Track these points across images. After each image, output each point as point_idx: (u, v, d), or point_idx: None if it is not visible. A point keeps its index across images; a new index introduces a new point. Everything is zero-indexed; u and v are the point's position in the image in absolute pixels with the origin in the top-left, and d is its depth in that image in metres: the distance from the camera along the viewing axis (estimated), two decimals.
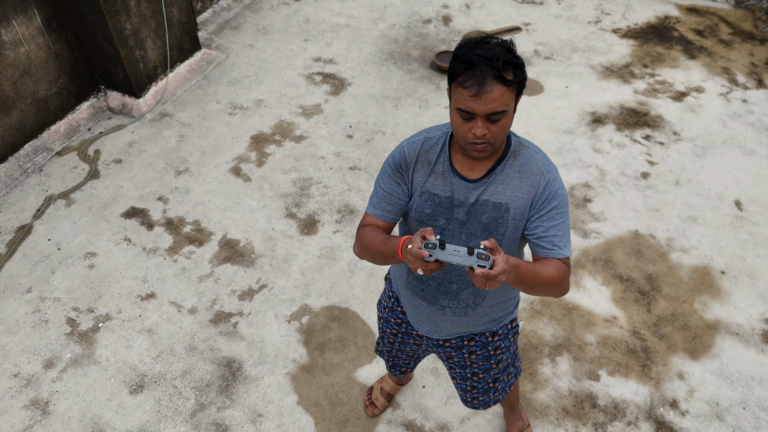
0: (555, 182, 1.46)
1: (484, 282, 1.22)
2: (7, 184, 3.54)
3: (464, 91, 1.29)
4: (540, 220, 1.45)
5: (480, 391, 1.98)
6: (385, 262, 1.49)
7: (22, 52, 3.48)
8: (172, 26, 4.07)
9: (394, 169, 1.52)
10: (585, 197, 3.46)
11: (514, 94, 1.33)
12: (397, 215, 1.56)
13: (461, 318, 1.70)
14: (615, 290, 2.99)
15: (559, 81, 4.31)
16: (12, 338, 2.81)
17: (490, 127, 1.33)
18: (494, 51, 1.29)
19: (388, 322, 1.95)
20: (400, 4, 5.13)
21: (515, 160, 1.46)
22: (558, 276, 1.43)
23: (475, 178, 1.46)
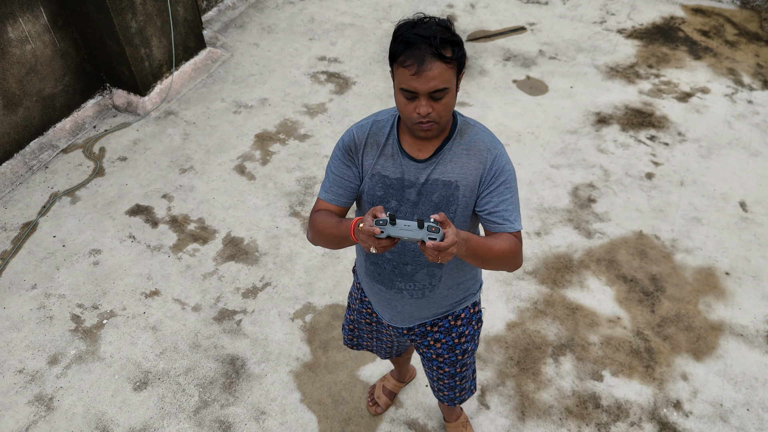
0: (502, 158, 1.50)
1: (436, 255, 1.23)
2: (13, 181, 3.56)
3: (405, 70, 1.31)
4: (490, 195, 1.48)
5: (445, 386, 2.00)
6: (338, 245, 1.50)
7: (28, 49, 3.49)
8: (177, 25, 4.08)
9: (344, 152, 1.53)
10: (589, 197, 3.45)
11: (455, 71, 1.35)
12: (349, 199, 1.57)
13: (419, 300, 1.70)
14: (619, 290, 2.99)
15: (563, 81, 4.30)
16: (17, 334, 2.82)
17: (434, 106, 1.34)
18: (432, 30, 1.31)
19: (361, 313, 1.95)
20: (405, 3, 5.13)
21: (462, 138, 1.49)
22: (510, 249, 1.46)
23: (423, 158, 1.48)
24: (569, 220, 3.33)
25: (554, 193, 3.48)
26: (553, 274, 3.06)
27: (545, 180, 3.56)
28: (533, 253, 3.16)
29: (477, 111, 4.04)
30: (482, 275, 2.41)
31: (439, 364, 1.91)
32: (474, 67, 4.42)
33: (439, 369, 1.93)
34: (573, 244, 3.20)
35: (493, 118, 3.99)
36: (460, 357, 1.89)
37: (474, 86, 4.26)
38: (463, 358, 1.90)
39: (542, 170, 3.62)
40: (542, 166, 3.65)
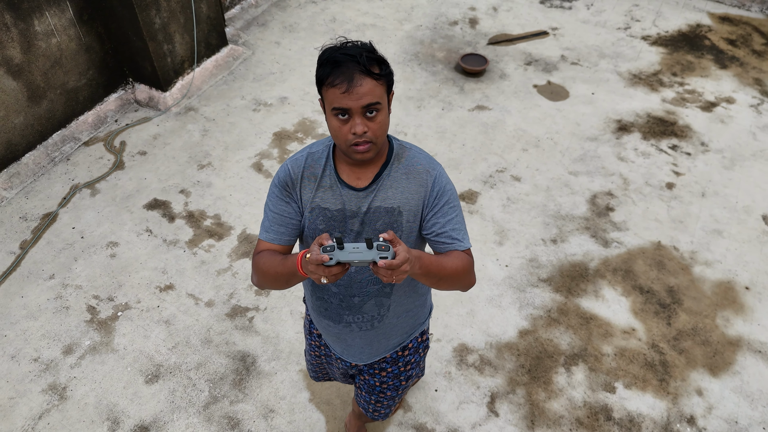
0: (442, 177, 1.48)
1: (390, 274, 1.20)
2: (35, 171, 3.62)
3: (335, 89, 1.29)
4: (435, 217, 1.46)
5: (383, 406, 1.98)
6: (287, 284, 1.44)
7: (53, 43, 3.55)
8: (200, 21, 4.12)
9: (281, 188, 1.48)
10: (607, 206, 3.41)
11: (385, 89, 1.34)
12: (291, 236, 1.51)
13: (369, 333, 1.66)
14: (635, 302, 2.94)
15: (585, 87, 4.25)
16: (34, 323, 2.87)
17: (368, 125, 1.32)
18: (356, 49, 1.31)
19: (311, 346, 1.92)
20: (427, 5, 5.12)
21: (400, 162, 1.46)
22: (463, 266, 1.44)
23: (363, 187, 1.44)
24: (586, 228, 3.29)
25: (572, 201, 3.44)
26: (568, 283, 3.02)
27: (563, 187, 3.52)
28: (548, 260, 3.12)
29: (496, 115, 4.02)
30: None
31: (382, 390, 1.89)
32: (494, 71, 4.39)
33: (380, 394, 1.91)
34: (589, 253, 3.16)
35: (512, 123, 3.96)
36: (404, 382, 1.88)
37: (494, 90, 4.23)
38: (406, 383, 1.89)
39: (560, 177, 3.58)
40: (560, 173, 3.61)
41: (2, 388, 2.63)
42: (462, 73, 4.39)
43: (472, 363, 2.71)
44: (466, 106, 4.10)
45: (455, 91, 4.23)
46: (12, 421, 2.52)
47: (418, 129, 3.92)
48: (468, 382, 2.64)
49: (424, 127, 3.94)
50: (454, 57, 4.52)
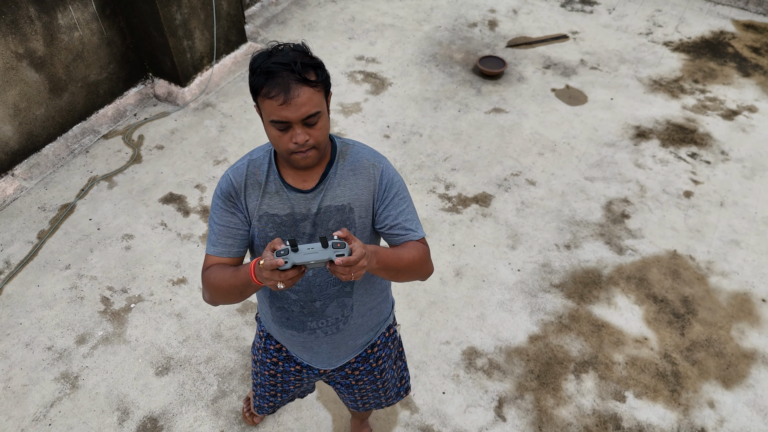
0: (389, 170, 1.47)
1: (348, 271, 1.18)
2: (55, 163, 3.68)
3: (272, 101, 1.24)
4: (387, 210, 1.45)
5: (370, 399, 1.96)
6: (241, 296, 1.37)
7: (76, 36, 3.60)
8: (220, 18, 4.15)
9: (224, 200, 1.43)
10: (623, 213, 3.37)
11: (323, 94, 1.30)
12: (241, 248, 1.46)
13: (335, 336, 1.62)
14: (648, 310, 2.91)
15: (604, 92, 4.21)
16: (48, 312, 2.91)
17: (309, 132, 1.29)
18: (290, 56, 1.25)
19: (264, 363, 1.85)
20: (447, 6, 5.10)
21: (344, 159, 1.44)
22: (420, 256, 1.43)
23: (310, 188, 1.41)
24: (601, 234, 3.26)
25: (587, 206, 3.41)
26: (580, 289, 3.00)
27: (578, 192, 3.49)
28: (561, 266, 3.10)
29: (513, 118, 3.99)
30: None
31: (359, 388, 1.87)
32: (512, 74, 4.37)
33: (360, 391, 1.90)
34: (603, 260, 3.13)
35: (528, 126, 3.93)
36: (379, 377, 1.85)
37: (511, 93, 4.20)
38: (383, 377, 1.87)
39: (576, 182, 3.55)
40: (576, 178, 3.58)
41: (16, 375, 2.67)
42: (480, 75, 4.37)
43: (481, 367, 2.69)
44: (482, 108, 4.09)
45: (472, 93, 4.22)
46: (25, 408, 2.57)
47: (434, 130, 3.91)
48: (476, 386, 2.63)
49: (439, 128, 3.93)
50: (473, 59, 4.51)
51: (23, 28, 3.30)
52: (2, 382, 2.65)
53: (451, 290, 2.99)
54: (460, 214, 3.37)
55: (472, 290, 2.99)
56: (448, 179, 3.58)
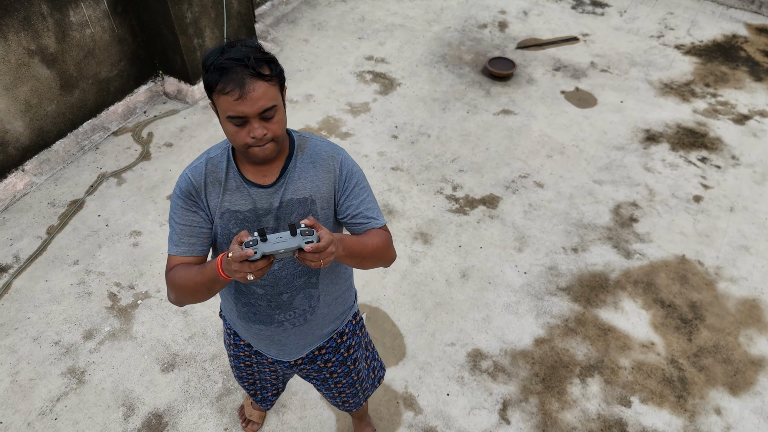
0: (347, 161, 1.49)
1: (317, 258, 1.19)
2: (65, 159, 3.70)
3: (227, 97, 1.25)
4: (348, 200, 1.47)
5: (349, 395, 1.97)
6: (208, 293, 1.37)
7: (87, 33, 3.62)
8: (230, 17, 4.16)
9: (185, 199, 1.43)
10: (631, 216, 3.35)
11: (278, 88, 1.31)
12: (204, 246, 1.46)
13: (303, 327, 1.64)
14: (655, 315, 2.89)
15: (614, 95, 4.19)
16: (56, 307, 2.93)
17: (267, 126, 1.30)
18: (243, 51, 1.26)
19: (238, 358, 1.87)
20: (457, 7, 5.10)
21: (303, 153, 1.45)
22: (383, 242, 1.46)
23: (271, 183, 1.42)
24: (608, 238, 3.24)
25: (595, 210, 3.39)
26: (587, 293, 2.98)
27: (586, 195, 3.47)
28: (568, 269, 3.08)
29: (521, 120, 3.98)
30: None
31: (335, 380, 1.88)
32: (522, 76, 4.35)
33: (336, 384, 1.90)
34: (610, 264, 3.11)
35: (537, 129, 3.92)
36: (353, 367, 1.87)
37: (521, 95, 4.19)
38: (356, 366, 1.89)
39: (584, 185, 3.53)
40: (584, 181, 3.56)
41: (23, 369, 2.69)
42: (489, 76, 4.36)
43: (486, 369, 2.69)
44: (491, 109, 4.07)
45: (481, 94, 4.21)
46: (31, 402, 2.59)
47: (442, 131, 3.91)
48: (480, 388, 2.62)
49: (448, 129, 3.92)
50: (482, 60, 4.49)
51: (35, 24, 3.32)
52: (9, 375, 2.67)
53: (457, 292, 2.98)
54: (467, 216, 3.36)
55: (478, 292, 2.98)
56: (455, 180, 3.57)
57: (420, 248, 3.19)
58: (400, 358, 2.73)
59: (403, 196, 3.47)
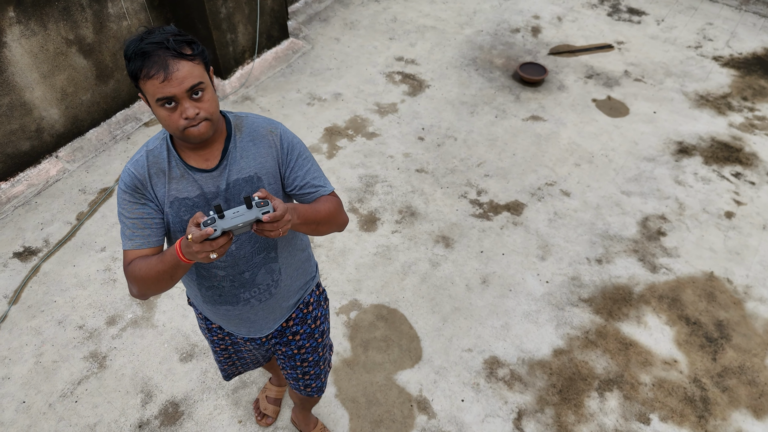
0: (286, 133, 1.50)
1: (276, 227, 1.21)
2: (97, 147, 3.78)
3: (153, 81, 1.25)
4: (294, 171, 1.49)
5: (312, 377, 1.98)
6: (171, 280, 1.36)
7: (124, 25, 3.69)
8: (264, 13, 4.20)
9: (131, 193, 1.42)
10: (659, 230, 3.28)
11: (203, 67, 1.31)
12: (159, 236, 1.45)
13: (269, 302, 1.66)
14: (679, 332, 2.82)
15: (646, 105, 4.11)
16: (82, 292, 3.00)
17: (198, 105, 1.30)
18: (162, 35, 1.27)
19: (213, 342, 1.89)
20: (490, 10, 5.06)
21: (241, 132, 1.46)
22: (335, 207, 1.50)
23: (214, 166, 1.43)
24: (634, 251, 3.18)
25: (621, 221, 3.33)
26: (609, 305, 2.93)
27: (614, 206, 3.41)
28: (591, 280, 3.03)
29: (550, 126, 3.93)
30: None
31: (302, 357, 1.90)
32: (553, 82, 4.30)
33: (303, 362, 1.92)
34: (635, 277, 3.05)
35: (566, 136, 3.86)
36: (320, 340, 1.90)
37: (551, 101, 4.14)
38: (323, 340, 1.92)
39: (612, 195, 3.47)
40: (612, 191, 3.50)
41: (47, 351, 2.76)
42: (519, 81, 4.31)
43: (502, 377, 2.66)
44: (520, 115, 4.03)
45: (511, 99, 4.17)
46: (53, 384, 2.65)
47: (469, 135, 3.88)
48: (496, 396, 2.59)
49: (474, 133, 3.90)
50: (513, 65, 4.45)
51: (74, 15, 3.40)
52: (34, 357, 2.74)
53: (477, 297, 2.96)
54: (491, 221, 3.33)
55: (497, 299, 2.96)
56: (480, 185, 3.54)
57: (441, 252, 3.17)
58: (415, 361, 2.72)
59: (426, 199, 3.46)
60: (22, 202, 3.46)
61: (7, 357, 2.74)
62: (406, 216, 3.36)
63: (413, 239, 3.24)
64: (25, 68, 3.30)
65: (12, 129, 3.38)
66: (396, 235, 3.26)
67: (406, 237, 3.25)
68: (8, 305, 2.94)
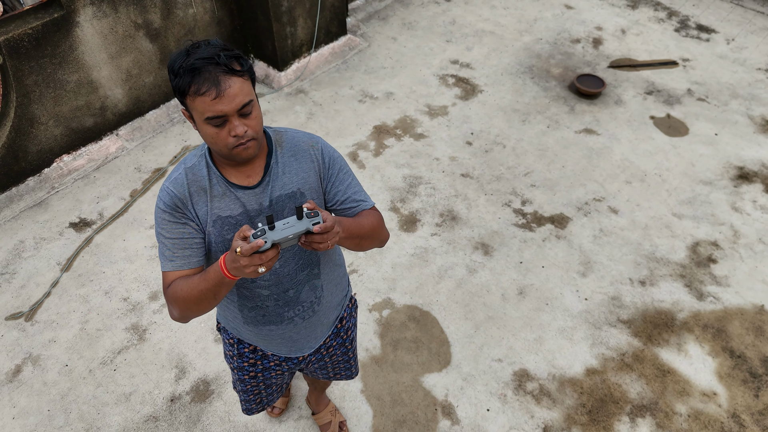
0: (327, 148, 1.48)
1: (325, 239, 1.19)
2: (155, 128, 3.93)
3: (204, 98, 1.22)
4: (335, 186, 1.47)
5: (342, 369, 2.00)
6: (215, 299, 1.32)
7: (190, 13, 3.82)
8: (324, 9, 4.26)
9: (171, 212, 1.37)
10: (710, 256, 3.15)
11: (251, 84, 1.29)
12: (200, 257, 1.41)
13: (312, 319, 1.65)
14: (722, 364, 2.71)
15: (708, 126, 3.95)
16: (129, 266, 3.13)
17: (246, 123, 1.27)
18: (210, 50, 1.23)
19: (242, 369, 1.82)
20: (551, 19, 4.97)
21: (282, 147, 1.43)
22: (377, 221, 1.49)
23: (257, 183, 1.40)
24: (681, 276, 3.06)
25: (670, 244, 3.21)
26: (649, 329, 2.84)
27: (663, 228, 3.30)
28: (632, 302, 2.95)
29: (604, 141, 3.83)
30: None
31: (333, 363, 1.92)
32: (610, 96, 4.19)
33: (333, 366, 1.94)
34: (679, 302, 2.94)
35: (619, 152, 3.76)
36: (350, 346, 1.92)
37: (606, 115, 4.04)
38: (353, 345, 1.94)
39: (662, 217, 3.36)
40: (663, 213, 3.38)
41: (93, 319, 2.89)
42: (575, 93, 4.22)
43: (531, 391, 2.62)
44: (573, 127, 3.95)
45: (565, 110, 4.09)
46: (95, 351, 2.77)
47: (518, 143, 3.83)
48: (522, 409, 2.56)
49: (525, 141, 3.84)
50: (570, 75, 4.36)
51: (144, 0, 3.54)
52: (80, 323, 2.87)
53: (512, 308, 2.92)
54: (533, 232, 3.28)
55: (533, 312, 2.91)
56: (525, 195, 3.49)
57: (479, 259, 3.15)
58: (444, 366, 2.71)
59: (469, 204, 3.44)
60: (81, 175, 3.63)
61: (55, 321, 2.89)
62: (447, 220, 3.35)
63: (452, 243, 3.22)
64: (95, 48, 3.46)
65: (78, 105, 3.56)
66: (435, 238, 3.25)
67: (445, 241, 3.24)
68: (60, 272, 3.10)
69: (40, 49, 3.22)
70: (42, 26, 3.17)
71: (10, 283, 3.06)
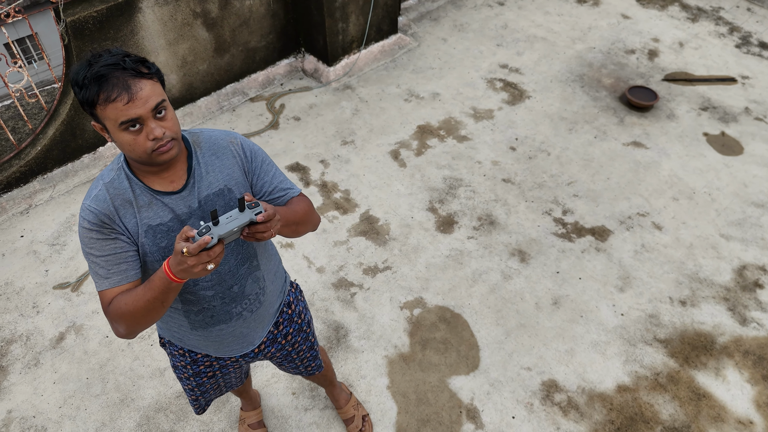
0: (246, 142, 1.50)
1: (268, 227, 1.22)
2: (205, 115, 4.04)
3: (116, 104, 1.20)
4: (260, 178, 1.49)
5: (310, 358, 2.01)
6: (162, 306, 1.29)
7: (246, 4, 3.91)
8: (377, 6, 4.30)
9: (99, 230, 1.33)
10: (756, 281, 3.04)
11: (161, 86, 1.29)
12: (136, 269, 1.38)
13: (259, 311, 1.67)
14: (761, 393, 2.61)
15: (764, 147, 3.81)
16: None
17: (163, 125, 1.26)
18: (114, 57, 1.22)
19: (200, 373, 1.80)
20: (606, 28, 4.87)
21: (201, 148, 1.44)
22: (308, 207, 1.53)
23: (182, 187, 1.39)
24: (724, 299, 2.97)
25: (715, 265, 3.12)
26: (687, 351, 2.76)
27: (709, 248, 3.20)
28: (671, 321, 2.87)
29: (652, 155, 3.74)
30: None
31: (296, 350, 1.93)
32: (662, 109, 4.08)
33: (299, 353, 1.95)
34: (720, 326, 2.85)
35: (668, 167, 3.66)
36: (308, 330, 1.94)
37: (657, 129, 3.94)
38: (311, 328, 1.96)
39: (708, 237, 3.26)
40: (710, 232, 3.28)
41: None
42: (626, 104, 4.13)
43: (558, 402, 2.58)
44: (621, 139, 3.87)
45: (614, 121, 4.00)
46: None
47: (563, 152, 3.77)
48: (548, 420, 2.52)
49: (570, 150, 3.78)
50: (622, 86, 4.27)
51: None
52: None
53: (545, 318, 2.89)
54: (572, 243, 3.23)
55: (566, 323, 2.87)
56: (567, 204, 3.44)
57: (515, 265, 3.12)
58: (472, 369, 2.70)
59: (508, 210, 3.41)
60: None
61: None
62: (485, 224, 3.33)
63: (488, 248, 3.21)
64: (154, 34, 3.58)
65: None
66: (471, 241, 3.24)
67: (481, 245, 3.22)
68: None
69: (103, 31, 3.35)
70: (107, 10, 3.30)
71: (60, 254, 3.20)
